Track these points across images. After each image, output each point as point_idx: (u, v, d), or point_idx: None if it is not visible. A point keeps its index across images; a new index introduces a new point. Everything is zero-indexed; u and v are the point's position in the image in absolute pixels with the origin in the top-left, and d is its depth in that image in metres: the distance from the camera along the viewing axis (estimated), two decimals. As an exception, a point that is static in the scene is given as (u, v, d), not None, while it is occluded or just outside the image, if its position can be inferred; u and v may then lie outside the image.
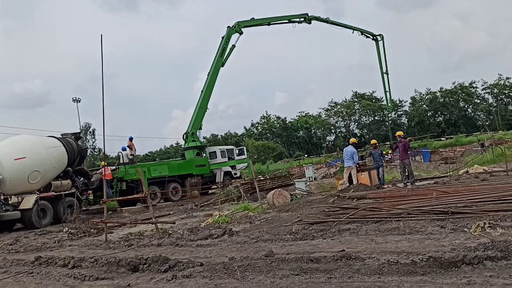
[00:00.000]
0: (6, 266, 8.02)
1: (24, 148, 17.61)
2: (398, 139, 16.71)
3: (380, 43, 36.76)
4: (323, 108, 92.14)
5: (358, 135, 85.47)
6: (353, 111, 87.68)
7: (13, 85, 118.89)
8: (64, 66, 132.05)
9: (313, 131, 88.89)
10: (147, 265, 6.30)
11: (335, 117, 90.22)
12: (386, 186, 16.02)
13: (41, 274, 6.88)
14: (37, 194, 17.29)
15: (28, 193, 17.26)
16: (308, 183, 18.75)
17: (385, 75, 37.74)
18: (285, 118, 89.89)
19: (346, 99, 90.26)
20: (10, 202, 16.69)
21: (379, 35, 36.81)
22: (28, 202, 16.75)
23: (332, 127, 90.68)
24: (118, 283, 5.75)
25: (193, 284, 5.21)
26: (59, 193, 18.13)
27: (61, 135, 20.53)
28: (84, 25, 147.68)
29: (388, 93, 39.06)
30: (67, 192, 18.54)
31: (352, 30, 35.41)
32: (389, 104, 42.41)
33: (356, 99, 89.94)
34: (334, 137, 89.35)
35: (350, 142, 17.00)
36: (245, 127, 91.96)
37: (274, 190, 14.61)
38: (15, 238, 12.65)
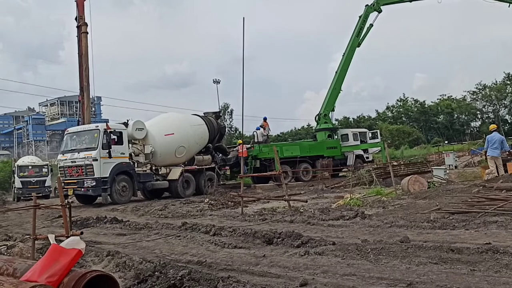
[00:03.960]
0: (158, 228, 9.06)
1: (172, 125, 19.48)
2: None
3: (544, 16, 32.10)
4: (468, 91, 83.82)
5: (509, 121, 76.23)
6: (504, 95, 78.21)
7: (165, 67, 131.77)
8: (208, 49, 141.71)
9: (455, 115, 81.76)
10: (281, 239, 6.55)
11: (482, 101, 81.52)
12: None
13: (187, 238, 7.60)
14: (182, 167, 19.08)
15: (175, 165, 19.12)
16: (447, 171, 17.44)
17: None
18: (423, 101, 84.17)
19: (496, 82, 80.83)
20: (160, 172, 18.73)
21: (543, 7, 32.07)
22: (175, 173, 18.60)
23: (478, 112, 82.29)
24: (254, 253, 6.09)
25: (325, 262, 5.28)
26: (200, 167, 19.75)
27: (203, 113, 22.13)
28: (227, 10, 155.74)
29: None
30: (207, 166, 20.10)
31: (508, 4, 31.47)
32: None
33: (508, 82, 79.99)
34: (480, 123, 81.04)
35: (494, 129, 15.12)
36: (376, 111, 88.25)
37: (409, 176, 13.90)
38: (164, 205, 14.17)
